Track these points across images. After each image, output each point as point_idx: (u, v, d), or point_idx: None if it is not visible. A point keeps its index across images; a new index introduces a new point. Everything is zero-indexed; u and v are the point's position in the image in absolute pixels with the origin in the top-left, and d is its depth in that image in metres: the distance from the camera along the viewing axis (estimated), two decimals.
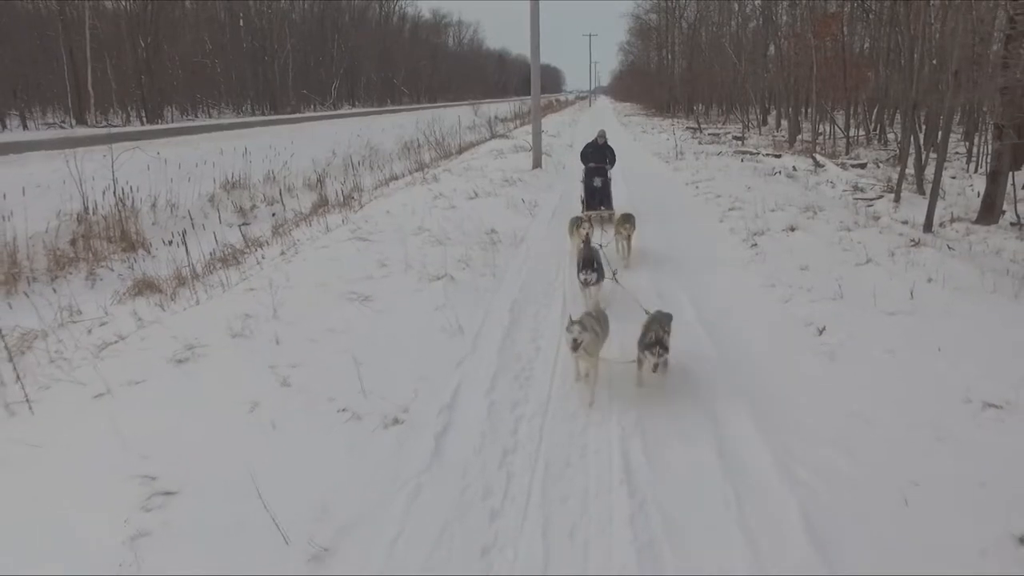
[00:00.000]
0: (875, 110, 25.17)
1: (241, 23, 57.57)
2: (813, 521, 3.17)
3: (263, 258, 8.81)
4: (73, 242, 10.54)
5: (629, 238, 7.89)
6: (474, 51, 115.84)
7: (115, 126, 37.48)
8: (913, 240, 8.05)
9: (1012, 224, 11.07)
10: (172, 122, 43.14)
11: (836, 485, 3.46)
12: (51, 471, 3.63)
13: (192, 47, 49.25)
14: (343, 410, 4.08)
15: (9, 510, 3.26)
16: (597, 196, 10.02)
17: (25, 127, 37.86)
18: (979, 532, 3.01)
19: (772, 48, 30.55)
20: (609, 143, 10.66)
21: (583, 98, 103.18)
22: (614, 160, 10.43)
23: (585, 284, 5.95)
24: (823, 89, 22.42)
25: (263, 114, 54.25)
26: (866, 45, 25.90)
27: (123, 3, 43.62)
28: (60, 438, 4.01)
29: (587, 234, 7.25)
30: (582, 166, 10.52)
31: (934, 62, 15.58)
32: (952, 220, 11.36)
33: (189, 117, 48.98)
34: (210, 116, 51.07)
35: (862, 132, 24.83)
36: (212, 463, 3.55)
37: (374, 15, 77.81)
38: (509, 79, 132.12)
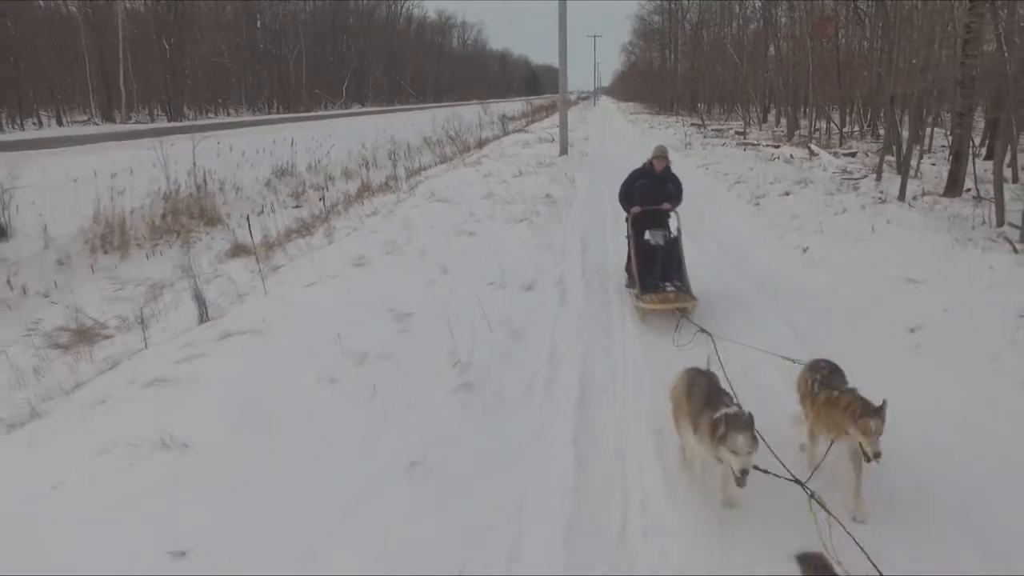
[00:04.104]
0: (869, 107, 27.33)
1: (258, 24, 59.80)
2: (797, 332, 5.39)
3: (360, 218, 10.95)
4: (164, 216, 12.69)
5: (872, 454, 3.01)
6: (478, 52, 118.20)
7: (142, 123, 39.48)
8: (881, 199, 10.25)
9: (974, 197, 13.25)
10: (195, 120, 45.03)
11: (814, 320, 5.67)
12: (310, 313, 5.76)
13: (211, 48, 51.32)
14: (492, 283, 6.30)
15: (307, 326, 5.40)
16: (659, 265, 6.02)
17: (60, 124, 39.76)
18: (891, 331, 5.24)
19: (772, 49, 32.70)
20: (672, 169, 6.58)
21: (585, 98, 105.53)
22: (680, 197, 6.43)
23: None
24: (819, 87, 24.57)
25: (278, 113, 56.28)
26: (864, 45, 28.01)
27: (150, 3, 45.47)
28: (302, 301, 6.16)
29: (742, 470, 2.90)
30: (622, 209, 6.58)
31: (914, 61, 17.79)
32: (923, 194, 13.51)
33: (210, 115, 50.98)
34: (228, 115, 53.01)
35: (856, 128, 27.00)
36: (422, 302, 5.74)
37: (380, 16, 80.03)
38: (511, 79, 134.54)
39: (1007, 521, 3.04)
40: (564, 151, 18.64)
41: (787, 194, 11.03)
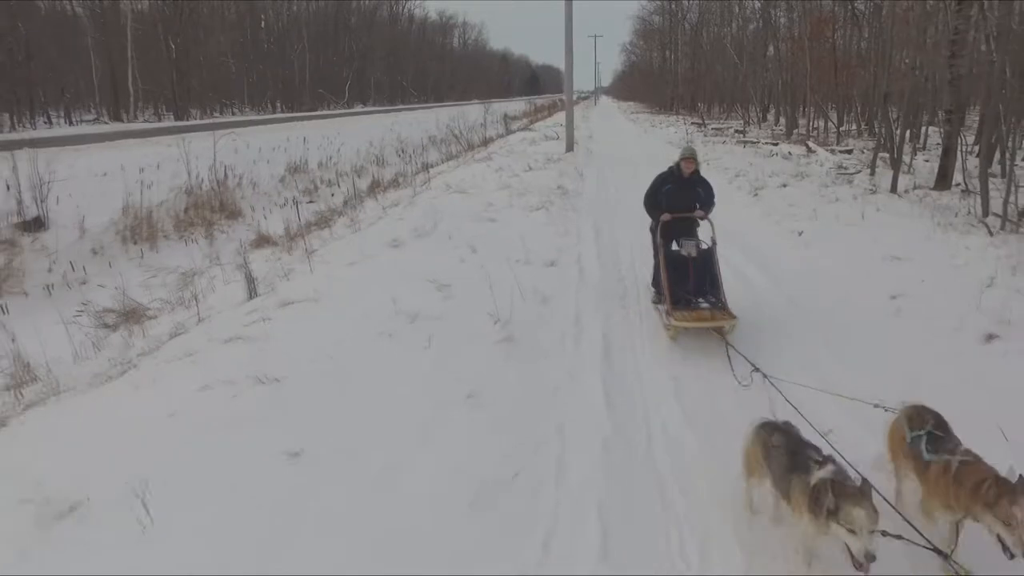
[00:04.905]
0: (867, 107, 28.01)
1: (262, 24, 60.39)
2: (792, 301, 6.07)
3: (384, 208, 11.62)
4: (187, 210, 13.34)
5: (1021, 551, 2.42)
6: (478, 51, 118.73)
7: (149, 122, 40.03)
8: (872, 191, 10.95)
9: (962, 191, 13.95)
10: (201, 119, 45.46)
11: (808, 290, 6.36)
12: (358, 285, 6.44)
13: (215, 48, 51.81)
14: (518, 260, 7.00)
15: (358, 295, 6.08)
16: (691, 279, 5.56)
17: (71, 123, 40.25)
18: (875, 297, 5.93)
19: (771, 49, 33.37)
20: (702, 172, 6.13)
21: (586, 98, 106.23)
22: (712, 203, 6.03)
23: None
24: (817, 87, 25.25)
25: (282, 112, 56.69)
26: (861, 46, 28.67)
27: (156, 3, 45.92)
28: (347, 276, 6.85)
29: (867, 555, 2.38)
30: (646, 216, 6.08)
31: (906, 61, 18.49)
32: (915, 187, 14.21)
33: (215, 115, 51.39)
34: (232, 114, 53.39)
35: (854, 126, 27.69)
36: (458, 275, 6.43)
37: (382, 16, 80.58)
38: (512, 79, 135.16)
39: None
40: (570, 147, 19.32)
41: (784, 186, 11.73)
